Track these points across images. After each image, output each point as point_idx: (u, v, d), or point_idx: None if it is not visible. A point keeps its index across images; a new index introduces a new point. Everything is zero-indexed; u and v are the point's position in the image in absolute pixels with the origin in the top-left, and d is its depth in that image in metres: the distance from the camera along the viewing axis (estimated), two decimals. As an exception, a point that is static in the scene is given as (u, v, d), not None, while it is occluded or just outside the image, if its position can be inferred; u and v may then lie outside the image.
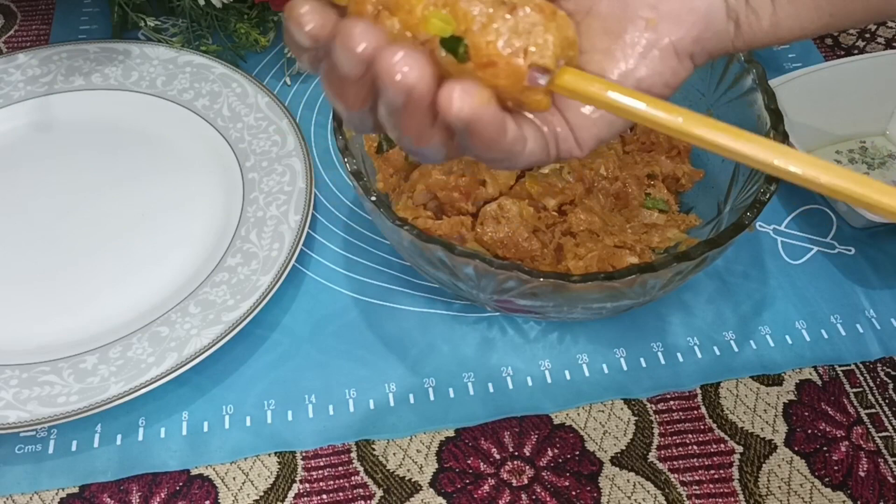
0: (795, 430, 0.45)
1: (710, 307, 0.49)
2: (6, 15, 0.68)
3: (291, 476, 0.43)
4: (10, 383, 0.43)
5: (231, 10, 0.61)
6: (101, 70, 0.58)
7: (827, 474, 0.43)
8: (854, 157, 0.56)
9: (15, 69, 0.58)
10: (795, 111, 0.54)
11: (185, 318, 0.46)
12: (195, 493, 0.42)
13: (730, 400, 0.46)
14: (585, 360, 0.47)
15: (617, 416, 0.45)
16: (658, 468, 0.43)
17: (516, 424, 0.45)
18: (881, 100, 0.57)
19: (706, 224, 0.47)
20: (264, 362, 0.47)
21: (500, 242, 0.44)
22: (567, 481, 0.43)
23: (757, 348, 0.48)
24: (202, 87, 0.57)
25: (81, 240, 0.51)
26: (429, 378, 0.46)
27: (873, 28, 0.66)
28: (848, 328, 0.49)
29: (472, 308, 0.49)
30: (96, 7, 0.67)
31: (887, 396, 0.46)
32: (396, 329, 0.48)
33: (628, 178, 0.48)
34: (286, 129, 0.54)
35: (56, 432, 0.44)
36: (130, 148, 0.56)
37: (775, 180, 0.41)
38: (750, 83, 0.45)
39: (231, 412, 0.45)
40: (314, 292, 0.50)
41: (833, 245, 0.52)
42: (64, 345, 0.45)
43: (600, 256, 0.43)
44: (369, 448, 0.44)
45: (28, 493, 0.42)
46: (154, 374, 0.43)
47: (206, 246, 0.50)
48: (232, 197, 0.52)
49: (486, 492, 0.42)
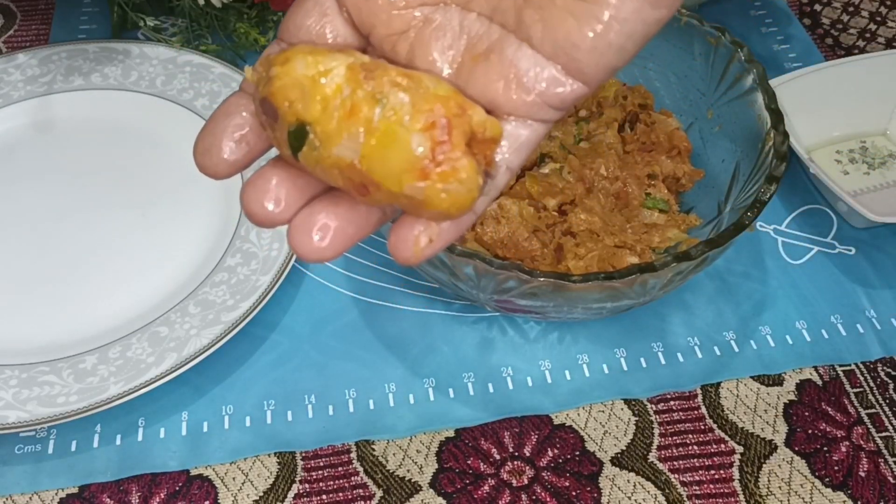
0: (796, 431, 0.45)
1: (711, 307, 0.49)
2: (6, 15, 0.68)
3: (291, 476, 0.43)
4: (9, 383, 0.43)
5: (231, 10, 0.61)
6: (101, 70, 0.58)
7: (827, 474, 0.43)
8: (854, 157, 0.56)
9: (14, 69, 0.58)
10: (795, 111, 0.54)
11: (185, 318, 0.45)
12: (195, 494, 0.42)
13: (730, 400, 0.46)
14: (586, 360, 0.47)
15: (617, 417, 0.45)
16: (658, 468, 0.43)
17: (516, 425, 0.45)
18: (881, 100, 0.57)
19: (706, 224, 0.46)
20: (264, 362, 0.47)
21: (500, 242, 0.44)
22: (567, 482, 0.43)
23: (757, 348, 0.48)
24: (202, 86, 0.57)
25: (80, 240, 0.51)
26: (429, 378, 0.46)
27: (873, 28, 0.66)
28: (848, 328, 0.49)
29: (472, 308, 0.49)
30: (96, 7, 0.67)
31: (888, 396, 0.46)
32: (396, 329, 0.48)
33: (628, 178, 0.48)
34: (286, 129, 0.54)
35: (55, 432, 0.44)
36: (130, 148, 0.56)
37: (776, 180, 0.41)
38: (750, 83, 0.45)
39: (231, 412, 0.45)
40: (314, 292, 0.50)
41: (833, 245, 0.52)
42: (63, 345, 0.45)
43: (600, 256, 0.43)
44: (369, 448, 0.44)
45: (28, 493, 0.42)
46: (153, 374, 0.43)
47: (206, 246, 0.50)
48: (231, 196, 0.52)
49: (486, 492, 0.42)
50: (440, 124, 0.22)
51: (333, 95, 0.22)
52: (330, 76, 0.22)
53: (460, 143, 0.22)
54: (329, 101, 0.22)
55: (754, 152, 0.44)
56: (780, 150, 0.42)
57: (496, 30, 0.25)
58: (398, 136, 0.22)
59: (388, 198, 0.23)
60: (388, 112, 0.22)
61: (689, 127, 0.51)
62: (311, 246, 0.23)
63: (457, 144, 0.22)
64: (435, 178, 0.22)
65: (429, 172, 0.22)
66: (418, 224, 0.24)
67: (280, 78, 0.23)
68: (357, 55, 0.23)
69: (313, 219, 0.23)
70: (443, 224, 0.24)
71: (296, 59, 0.23)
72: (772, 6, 0.68)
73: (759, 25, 0.66)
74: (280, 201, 0.24)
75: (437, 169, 0.22)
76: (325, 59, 0.23)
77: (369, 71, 0.22)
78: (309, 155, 0.23)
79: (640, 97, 0.52)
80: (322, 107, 0.22)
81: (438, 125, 0.22)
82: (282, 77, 0.23)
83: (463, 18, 0.25)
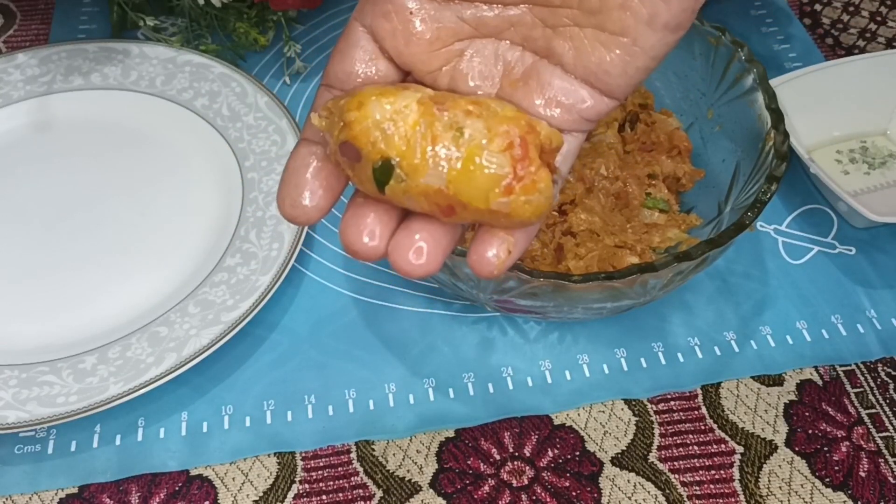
0: (796, 431, 0.45)
1: (711, 307, 0.49)
2: (5, 15, 0.68)
3: (291, 476, 0.43)
4: (9, 383, 0.43)
5: (230, 10, 0.61)
6: (101, 70, 0.58)
7: (828, 475, 0.43)
8: (854, 157, 0.56)
9: (14, 69, 0.58)
10: (796, 111, 0.54)
11: (185, 319, 0.45)
12: (194, 494, 0.42)
13: (730, 400, 0.46)
14: (586, 360, 0.47)
15: (617, 417, 0.45)
16: (658, 469, 0.43)
17: (516, 425, 0.45)
18: (881, 100, 0.57)
19: (707, 224, 0.46)
20: (264, 362, 0.47)
21: (500, 242, 0.44)
22: (567, 482, 0.43)
23: (758, 348, 0.48)
24: (201, 86, 0.57)
25: (80, 239, 0.51)
26: (429, 378, 0.46)
27: (874, 28, 0.66)
28: (849, 328, 0.49)
29: (472, 308, 0.49)
30: (95, 6, 0.67)
31: (888, 396, 0.46)
32: (396, 329, 0.48)
33: (629, 178, 0.48)
34: (286, 129, 0.54)
35: (55, 432, 0.44)
36: (129, 147, 0.56)
37: (776, 180, 0.41)
38: (750, 83, 0.45)
39: (230, 412, 0.45)
40: (314, 292, 0.50)
41: (834, 245, 0.52)
42: (63, 345, 0.45)
43: (601, 256, 0.43)
44: (369, 448, 0.44)
45: (27, 493, 0.42)
46: (153, 374, 0.43)
47: (206, 246, 0.50)
48: (231, 197, 0.52)
49: (486, 492, 0.42)
50: (516, 143, 0.24)
51: (413, 130, 0.24)
52: (405, 113, 0.24)
53: (535, 158, 0.24)
54: (410, 137, 0.24)
55: (755, 152, 0.44)
56: (781, 150, 0.42)
57: (529, 56, 0.27)
58: (481, 159, 0.24)
59: (473, 215, 0.25)
60: (468, 139, 0.24)
61: (689, 127, 0.51)
62: (414, 263, 0.25)
63: (533, 159, 0.24)
64: (518, 192, 0.24)
65: (512, 188, 0.24)
66: (496, 239, 0.26)
67: (359, 122, 0.24)
68: (421, 88, 0.25)
69: (411, 239, 0.26)
70: (517, 234, 0.26)
71: (369, 102, 0.24)
72: (772, 6, 0.68)
73: (760, 25, 0.66)
74: (374, 234, 0.26)
75: (519, 184, 0.24)
76: (396, 99, 0.25)
77: (440, 103, 0.25)
78: (396, 188, 0.25)
79: (640, 97, 0.52)
80: (404, 142, 0.24)
81: (515, 144, 0.24)
82: (360, 120, 0.24)
83: (497, 47, 0.28)
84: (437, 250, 0.26)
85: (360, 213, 0.26)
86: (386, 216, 0.26)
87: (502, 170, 0.24)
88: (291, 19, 0.64)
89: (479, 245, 0.26)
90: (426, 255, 0.25)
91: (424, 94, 0.25)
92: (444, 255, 0.26)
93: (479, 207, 0.24)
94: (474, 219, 0.25)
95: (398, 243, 0.26)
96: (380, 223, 0.26)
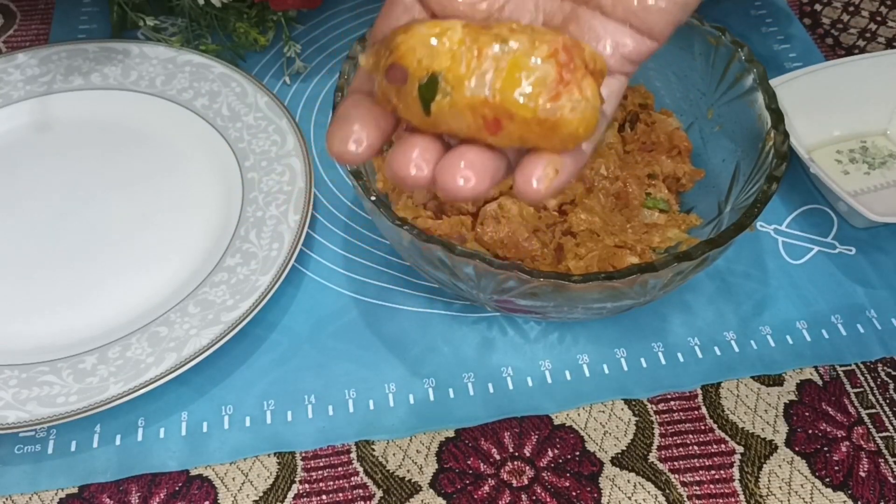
0: (796, 431, 0.45)
1: (711, 307, 0.49)
2: (5, 15, 0.68)
3: (291, 476, 0.43)
4: (9, 383, 0.43)
5: (230, 10, 0.61)
6: (101, 70, 0.58)
7: (828, 475, 0.43)
8: (854, 157, 0.56)
9: (14, 69, 0.58)
10: (796, 111, 0.54)
11: (185, 319, 0.45)
12: (194, 494, 0.42)
13: (730, 400, 0.46)
14: (586, 360, 0.47)
15: (617, 417, 0.45)
16: (658, 469, 0.43)
17: (516, 425, 0.45)
18: (882, 100, 0.57)
19: (707, 224, 0.46)
20: (264, 362, 0.47)
21: (500, 242, 0.44)
22: (567, 482, 0.43)
23: (758, 348, 0.48)
24: (201, 86, 0.57)
25: (80, 239, 0.51)
26: (429, 378, 0.46)
27: (874, 28, 0.66)
28: (849, 328, 0.49)
29: (472, 308, 0.49)
30: (95, 6, 0.67)
31: (888, 396, 0.46)
32: (396, 329, 0.48)
33: (629, 178, 0.48)
34: (285, 129, 0.54)
35: (55, 432, 0.44)
36: (129, 147, 0.55)
37: (776, 180, 0.41)
38: (750, 83, 0.45)
39: (230, 412, 0.45)
40: (313, 292, 0.50)
41: (834, 245, 0.52)
42: (63, 345, 0.45)
43: (601, 256, 0.43)
44: (369, 448, 0.44)
45: (27, 493, 0.42)
46: (153, 374, 0.43)
47: (206, 246, 0.50)
48: (231, 196, 0.52)
49: (486, 492, 0.42)
50: (561, 51, 0.24)
51: (458, 45, 0.25)
52: (451, 33, 0.25)
53: (580, 66, 0.25)
54: (456, 51, 0.25)
55: (754, 152, 0.44)
56: (781, 150, 0.42)
57: (568, 4, 0.28)
58: (526, 64, 0.24)
59: (520, 129, 0.25)
60: (513, 48, 0.24)
61: (689, 127, 0.51)
62: (461, 185, 0.25)
63: (578, 67, 0.25)
64: (565, 98, 0.24)
65: (559, 94, 0.24)
66: (542, 160, 0.26)
67: (406, 42, 0.25)
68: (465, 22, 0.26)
69: (458, 162, 0.25)
70: (565, 157, 0.26)
71: (415, 26, 0.25)
72: (772, 6, 0.68)
73: (760, 25, 0.66)
74: (421, 164, 0.26)
75: (565, 88, 0.24)
76: (442, 22, 0.25)
77: (484, 26, 0.25)
78: (441, 103, 0.25)
79: (640, 97, 0.52)
80: (450, 56, 0.25)
81: (560, 51, 0.24)
82: (407, 41, 0.25)
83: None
84: (485, 173, 0.25)
85: (407, 142, 0.26)
86: (432, 145, 0.26)
87: (548, 74, 0.24)
88: (291, 19, 0.64)
89: (526, 167, 0.26)
90: (474, 177, 0.25)
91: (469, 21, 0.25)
92: (492, 179, 0.26)
93: (525, 117, 0.24)
94: (521, 134, 0.25)
95: (445, 165, 0.26)
96: (427, 150, 0.26)
